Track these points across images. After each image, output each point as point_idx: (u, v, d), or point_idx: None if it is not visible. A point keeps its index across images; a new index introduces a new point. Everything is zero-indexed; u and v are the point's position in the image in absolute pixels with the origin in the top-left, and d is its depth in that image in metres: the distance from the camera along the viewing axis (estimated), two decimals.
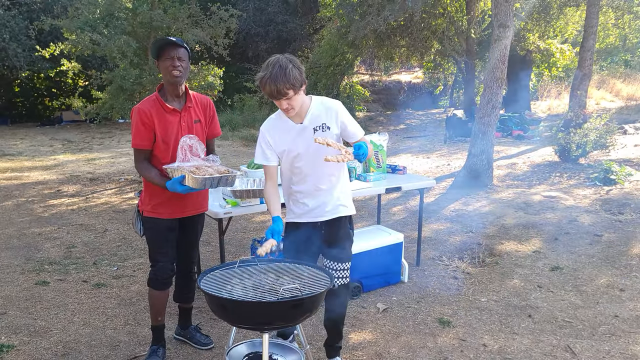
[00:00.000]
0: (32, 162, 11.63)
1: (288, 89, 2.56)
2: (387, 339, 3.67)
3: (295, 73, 2.56)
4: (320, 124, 2.78)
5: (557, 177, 8.19)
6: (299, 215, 2.95)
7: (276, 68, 2.53)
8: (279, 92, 2.56)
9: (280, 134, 2.83)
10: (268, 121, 2.89)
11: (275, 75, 2.53)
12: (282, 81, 2.53)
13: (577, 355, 3.42)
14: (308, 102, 2.79)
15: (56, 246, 5.79)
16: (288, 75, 2.53)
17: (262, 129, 2.88)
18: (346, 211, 3.00)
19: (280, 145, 2.84)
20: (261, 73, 2.58)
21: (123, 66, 8.85)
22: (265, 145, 2.85)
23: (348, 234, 3.05)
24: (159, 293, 3.28)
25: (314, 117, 2.78)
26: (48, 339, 3.65)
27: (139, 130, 3.06)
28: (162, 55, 2.98)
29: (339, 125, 2.80)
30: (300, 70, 2.61)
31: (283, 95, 2.58)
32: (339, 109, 2.81)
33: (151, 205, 3.19)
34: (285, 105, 2.65)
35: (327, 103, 2.82)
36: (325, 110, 2.79)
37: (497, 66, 7.35)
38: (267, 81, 2.54)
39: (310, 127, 2.78)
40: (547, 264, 4.94)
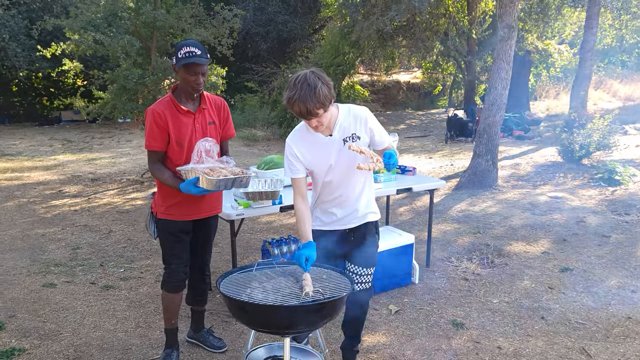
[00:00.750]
0: (32, 162, 11.56)
1: (318, 108, 2.45)
2: (401, 342, 3.65)
3: (324, 91, 2.43)
4: (349, 134, 2.69)
5: (562, 178, 8.18)
6: (327, 224, 2.90)
7: (305, 87, 2.41)
8: (309, 112, 2.45)
9: (309, 147, 2.73)
10: (295, 133, 2.77)
11: (305, 95, 2.40)
12: (312, 101, 2.41)
13: (593, 357, 3.41)
14: (336, 112, 2.69)
15: (61, 247, 5.75)
16: (318, 94, 2.41)
17: (289, 141, 2.76)
18: (374, 217, 2.96)
19: (309, 159, 2.75)
20: (288, 92, 2.45)
21: (126, 65, 8.79)
22: (292, 158, 2.74)
23: (375, 238, 2.99)
24: (172, 296, 3.25)
25: (342, 128, 2.68)
26: (59, 342, 3.62)
27: (152, 132, 3.03)
28: (188, 69, 2.92)
29: (368, 133, 2.72)
30: (329, 86, 2.48)
31: (314, 115, 2.47)
32: (368, 116, 2.72)
33: (165, 207, 3.16)
34: (314, 123, 2.55)
35: (355, 111, 2.72)
36: (354, 119, 2.70)
37: (502, 67, 7.34)
38: (295, 101, 2.43)
39: (340, 139, 2.70)
40: (557, 265, 4.93)
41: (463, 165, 9.32)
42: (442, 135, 14.35)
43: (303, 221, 2.74)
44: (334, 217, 2.87)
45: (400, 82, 26.85)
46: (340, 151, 2.71)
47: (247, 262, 5.22)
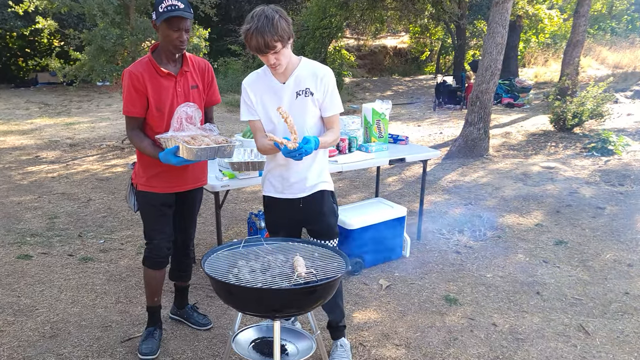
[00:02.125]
0: (7, 126, 11.13)
1: (276, 41, 2.33)
2: (392, 318, 3.52)
3: (282, 24, 2.33)
4: (304, 88, 2.56)
5: (553, 147, 8.06)
6: (279, 191, 2.75)
7: (262, 19, 2.31)
8: (266, 44, 2.32)
9: (262, 91, 2.61)
10: (251, 76, 2.67)
11: (262, 26, 2.30)
12: (270, 33, 2.30)
13: (591, 334, 3.31)
14: (296, 62, 2.57)
15: (37, 216, 5.49)
16: (276, 26, 2.30)
17: (245, 83, 2.65)
18: (327, 186, 2.80)
19: (260, 104, 2.62)
20: (246, 25, 2.35)
21: (103, 25, 8.36)
22: (247, 100, 2.64)
23: (332, 208, 2.83)
24: (154, 272, 3.05)
25: (298, 79, 2.56)
26: (34, 319, 3.42)
27: (130, 96, 2.77)
28: (170, 24, 2.66)
29: (322, 92, 2.57)
30: (288, 21, 2.38)
31: (271, 48, 2.34)
32: (327, 76, 2.58)
33: (145, 178, 2.93)
34: (272, 60, 2.41)
35: (315, 68, 2.59)
36: (312, 75, 2.56)
37: (497, 31, 7.09)
38: (253, 33, 2.31)
39: (293, 90, 2.56)
40: (551, 237, 4.82)
41: (453, 134, 9.16)
42: (430, 102, 14.13)
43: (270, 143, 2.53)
44: (286, 182, 2.71)
45: (386, 47, 26.38)
46: (291, 103, 2.57)
47: (231, 233, 5.03)
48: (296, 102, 2.57)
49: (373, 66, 25.37)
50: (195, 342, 3.20)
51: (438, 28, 21.62)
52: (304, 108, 2.57)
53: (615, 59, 21.73)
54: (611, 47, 22.88)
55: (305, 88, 2.55)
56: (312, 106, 2.58)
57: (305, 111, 2.58)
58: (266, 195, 2.83)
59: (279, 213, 2.82)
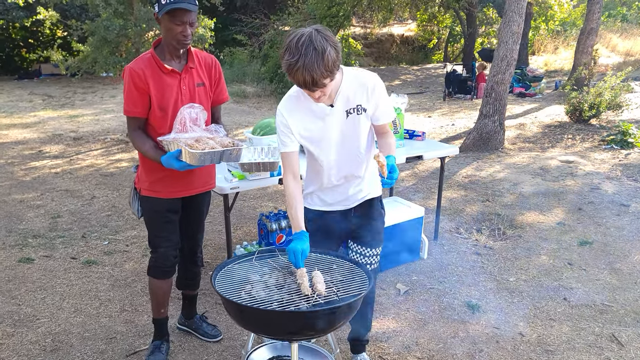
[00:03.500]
0: (10, 120, 10.96)
1: (326, 77, 1.98)
2: (413, 328, 3.32)
3: (333, 56, 1.96)
4: (354, 105, 2.25)
5: (570, 139, 7.81)
6: (329, 205, 2.50)
7: (310, 52, 1.92)
8: (314, 83, 1.97)
9: (304, 118, 2.28)
10: (288, 100, 2.31)
11: (311, 62, 1.92)
12: (320, 70, 1.93)
13: (625, 345, 3.11)
14: (339, 78, 2.20)
15: (40, 215, 5.32)
16: (327, 61, 1.93)
17: (282, 109, 2.30)
18: (378, 191, 2.58)
19: (304, 133, 2.30)
20: (289, 57, 1.95)
21: (106, 15, 8.13)
22: (285, 129, 2.29)
23: (380, 214, 2.62)
24: (160, 282, 2.86)
25: (346, 97, 2.24)
26: (35, 330, 3.24)
27: (131, 95, 2.56)
28: (173, 17, 2.44)
29: (374, 105, 2.28)
30: (338, 49, 2.00)
31: (320, 86, 2.00)
32: (377, 85, 2.26)
33: (149, 183, 2.73)
34: (318, 95, 2.08)
35: (362, 78, 2.25)
36: (360, 88, 2.24)
37: (513, 19, 6.82)
38: (299, 69, 1.94)
39: (343, 111, 2.25)
40: (575, 237, 4.61)
41: (465, 125, 8.92)
42: (439, 91, 13.87)
43: (294, 206, 2.30)
44: (338, 197, 2.46)
45: (393, 35, 26.03)
46: (342, 125, 2.27)
47: (240, 233, 4.83)
48: (347, 122, 2.28)
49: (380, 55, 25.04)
50: (205, 356, 3.02)
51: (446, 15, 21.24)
52: (357, 127, 2.28)
53: (626, 47, 21.32)
54: (622, 35, 22.45)
55: (356, 105, 2.25)
56: (365, 122, 2.30)
57: (358, 130, 2.30)
58: (312, 209, 2.54)
59: (327, 225, 2.53)
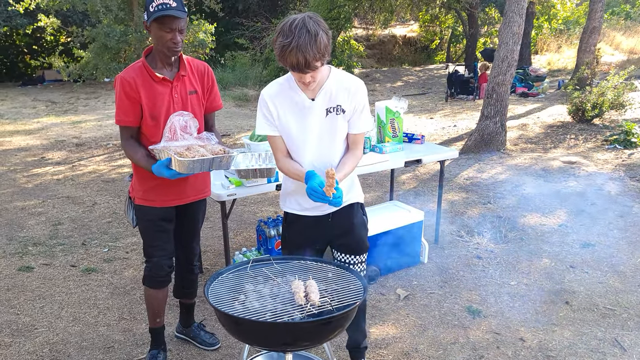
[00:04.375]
0: (14, 126, 10.99)
1: (318, 60, 2.02)
2: (412, 334, 3.30)
3: (325, 40, 2.02)
4: (335, 105, 2.27)
5: (573, 140, 7.75)
6: (305, 208, 2.47)
7: (304, 34, 1.98)
8: (307, 64, 2.01)
9: (286, 107, 2.30)
10: (272, 87, 2.33)
11: (304, 44, 1.97)
12: (313, 51, 1.98)
13: (627, 350, 3.07)
14: (326, 73, 2.26)
15: (41, 223, 5.32)
16: (319, 43, 1.99)
17: (265, 94, 2.31)
18: (358, 198, 2.54)
19: (284, 121, 2.31)
20: (282, 39, 2.00)
21: (107, 22, 8.16)
22: (267, 114, 2.32)
23: (363, 221, 2.58)
24: (156, 292, 2.85)
25: (329, 94, 2.26)
26: (32, 340, 3.24)
27: (122, 104, 2.56)
28: (162, 25, 2.43)
29: (352, 108, 2.29)
30: (329, 35, 2.06)
31: (312, 68, 2.03)
32: (359, 90, 2.28)
33: (142, 192, 2.72)
34: (308, 78, 2.11)
35: (346, 82, 2.28)
36: (344, 89, 2.26)
37: (513, 20, 6.78)
38: (292, 50, 1.98)
39: (323, 108, 2.27)
40: (577, 239, 4.56)
41: (467, 127, 8.87)
42: (442, 92, 13.82)
43: (294, 167, 2.34)
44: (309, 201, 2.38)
45: (395, 36, 25.99)
46: (321, 122, 2.28)
47: (240, 239, 4.82)
48: (326, 121, 2.29)
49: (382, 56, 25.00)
50: None
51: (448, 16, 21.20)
52: (334, 127, 2.30)
53: (630, 44, 21.17)
54: (625, 32, 22.30)
55: (336, 105, 2.26)
56: (343, 125, 2.31)
57: (335, 131, 2.31)
58: (289, 212, 2.53)
59: (303, 230, 2.52)
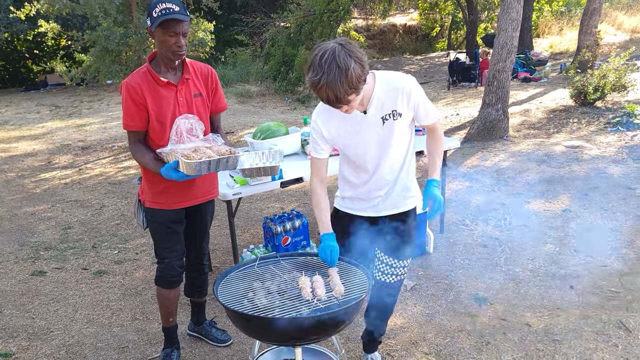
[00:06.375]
0: (19, 132, 11.10)
1: (350, 94, 1.97)
2: (420, 323, 3.35)
3: (357, 72, 1.94)
4: (389, 111, 2.22)
5: (576, 124, 7.75)
6: (358, 209, 2.49)
7: (333, 69, 1.91)
8: (338, 100, 1.98)
9: (338, 124, 2.28)
10: (322, 108, 2.32)
11: (334, 80, 1.91)
12: (344, 87, 1.93)
13: (632, 332, 3.12)
14: (371, 84, 2.20)
15: (51, 227, 5.41)
16: (350, 78, 1.92)
17: (315, 117, 2.34)
18: (414, 202, 2.52)
19: (339, 140, 2.32)
20: (312, 75, 1.95)
21: (106, 25, 8.20)
22: (317, 136, 2.33)
23: (413, 226, 2.57)
24: (168, 292, 2.92)
25: (380, 103, 2.22)
26: (49, 343, 3.32)
27: (129, 110, 2.61)
28: (166, 29, 2.48)
29: (412, 108, 2.25)
30: (363, 63, 1.97)
31: (344, 102, 2.00)
32: (413, 88, 2.23)
33: (151, 195, 2.78)
34: (345, 109, 2.09)
35: (395, 82, 2.22)
36: (394, 92, 2.21)
37: (512, 6, 6.77)
38: (322, 87, 1.94)
39: (378, 117, 2.24)
40: (581, 224, 4.60)
41: (470, 115, 8.88)
42: (443, 80, 13.80)
43: (321, 209, 2.38)
44: (366, 203, 2.44)
45: (396, 26, 25.91)
46: (380, 131, 2.26)
47: (248, 236, 4.88)
48: (384, 129, 2.26)
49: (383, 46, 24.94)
50: None
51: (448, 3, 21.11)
52: (394, 133, 2.27)
53: (633, 24, 21.00)
54: (627, 12, 22.12)
55: (391, 111, 2.23)
56: (402, 127, 2.27)
57: (396, 136, 2.28)
58: (342, 210, 2.55)
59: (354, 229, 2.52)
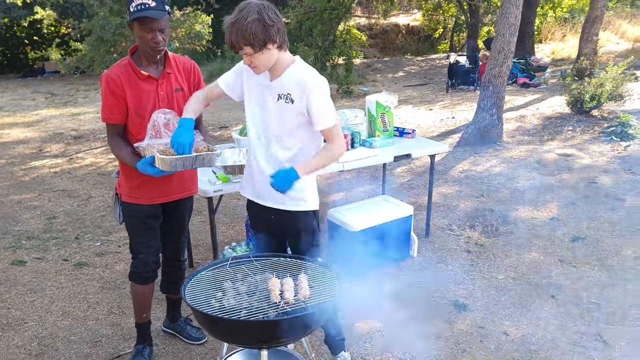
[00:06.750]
0: (13, 118, 11.04)
1: (244, 44, 2.13)
2: (398, 328, 3.31)
3: (257, 28, 2.10)
4: (285, 92, 2.33)
5: (570, 132, 7.71)
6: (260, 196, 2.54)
7: (238, 16, 2.11)
8: (232, 44, 2.15)
9: (254, 79, 2.40)
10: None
11: (233, 24, 2.12)
12: (238, 33, 2.11)
13: (609, 344, 3.09)
14: (288, 63, 2.34)
15: (36, 217, 5.37)
16: (245, 28, 2.09)
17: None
18: (299, 205, 2.47)
19: (246, 88, 2.44)
20: (228, 16, 2.16)
21: (102, 14, 8.15)
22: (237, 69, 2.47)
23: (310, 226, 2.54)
24: (142, 288, 2.89)
25: (284, 82, 2.33)
26: (22, 334, 3.29)
27: (108, 102, 2.59)
28: (142, 25, 2.45)
29: (304, 105, 2.30)
30: (268, 25, 2.12)
31: (237, 49, 2.16)
32: (315, 90, 2.27)
33: (128, 189, 2.74)
34: (246, 60, 2.23)
35: (303, 79, 2.29)
36: (298, 84, 2.30)
37: (510, 11, 6.72)
38: (226, 28, 2.14)
39: (276, 92, 2.34)
40: (567, 233, 4.57)
41: (465, 118, 8.83)
42: (442, 83, 13.74)
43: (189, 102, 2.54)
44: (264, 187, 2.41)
45: (399, 26, 25.81)
46: (272, 105, 2.36)
47: (232, 233, 4.85)
48: (277, 105, 2.36)
49: (385, 45, 24.84)
50: (188, 359, 3.04)
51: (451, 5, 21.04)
52: (283, 113, 2.36)
53: (636, 33, 20.96)
54: (631, 20, 22.08)
55: (287, 93, 2.32)
56: (293, 113, 2.34)
57: (284, 116, 2.36)
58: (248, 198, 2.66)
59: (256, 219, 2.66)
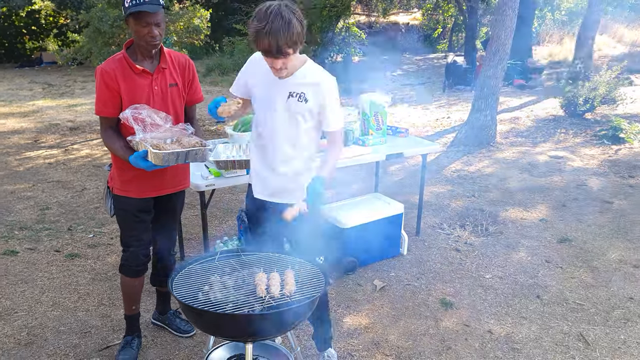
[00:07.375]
0: (9, 108, 11.02)
1: (289, 46, 2.14)
2: (384, 324, 3.37)
3: (298, 28, 2.14)
4: (299, 91, 2.36)
5: (563, 134, 7.78)
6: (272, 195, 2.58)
7: (277, 20, 2.09)
8: (278, 50, 2.13)
9: (262, 74, 2.42)
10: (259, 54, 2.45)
11: (277, 29, 2.09)
12: (285, 37, 2.10)
13: (591, 344, 3.15)
14: (301, 61, 2.38)
15: (29, 207, 5.39)
16: (292, 30, 2.11)
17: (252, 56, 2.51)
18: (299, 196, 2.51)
19: (254, 86, 2.49)
20: (257, 23, 2.12)
21: (100, 6, 8.15)
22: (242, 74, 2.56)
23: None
24: (132, 280, 2.92)
25: (297, 80, 2.37)
26: (11, 324, 3.32)
27: (102, 95, 2.63)
28: (137, 20, 2.47)
29: (319, 105, 2.37)
30: (303, 24, 2.18)
31: (283, 54, 2.16)
32: (328, 89, 2.37)
33: (120, 182, 2.77)
34: (279, 64, 2.23)
35: (318, 77, 2.37)
36: (312, 83, 2.36)
37: (506, 13, 6.77)
38: (265, 35, 2.10)
39: (287, 90, 2.38)
40: (555, 234, 4.63)
41: (461, 118, 8.89)
42: (439, 82, 13.79)
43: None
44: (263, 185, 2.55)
45: (398, 24, 25.83)
46: (282, 103, 2.39)
47: (225, 227, 4.89)
48: (286, 104, 2.38)
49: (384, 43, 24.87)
50: (176, 351, 3.08)
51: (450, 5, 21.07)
52: (294, 111, 2.38)
53: (633, 37, 21.05)
54: (628, 25, 22.16)
55: (301, 92, 2.35)
56: (303, 112, 2.37)
57: (292, 117, 2.38)
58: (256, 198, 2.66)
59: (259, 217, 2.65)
